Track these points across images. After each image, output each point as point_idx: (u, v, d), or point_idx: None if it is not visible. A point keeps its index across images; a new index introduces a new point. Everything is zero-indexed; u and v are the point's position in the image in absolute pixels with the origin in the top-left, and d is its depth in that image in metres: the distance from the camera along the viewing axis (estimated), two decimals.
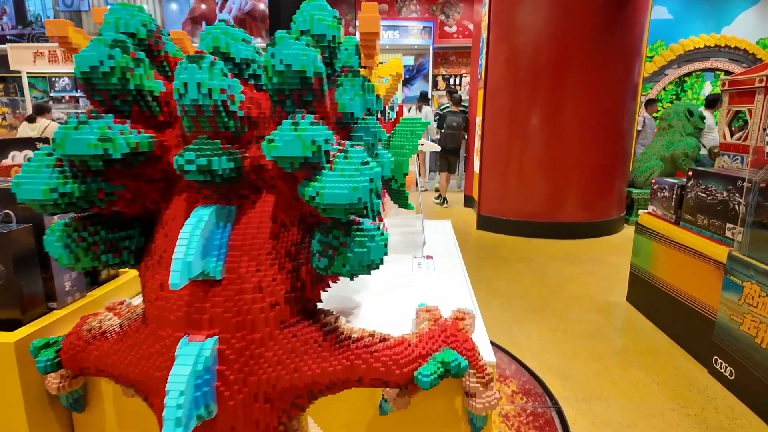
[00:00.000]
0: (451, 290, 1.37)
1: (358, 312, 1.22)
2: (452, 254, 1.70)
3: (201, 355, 0.66)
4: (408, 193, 0.98)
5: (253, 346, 0.69)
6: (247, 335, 0.69)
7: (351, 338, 0.77)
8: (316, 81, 0.63)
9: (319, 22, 0.69)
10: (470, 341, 0.92)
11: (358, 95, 0.73)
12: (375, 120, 0.83)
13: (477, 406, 0.86)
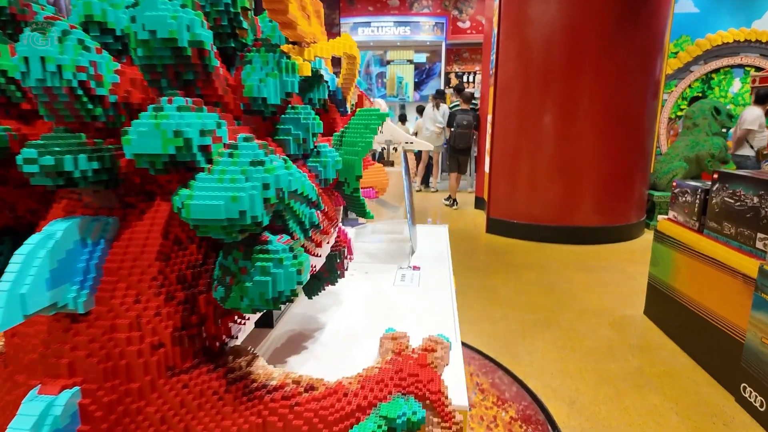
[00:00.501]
0: (433, 308, 1.19)
1: (319, 335, 1.05)
2: (443, 265, 1.53)
3: (48, 415, 0.51)
4: (363, 200, 0.82)
5: (129, 399, 0.53)
6: (119, 386, 0.53)
7: (266, 387, 0.60)
8: (195, 53, 0.47)
9: None
10: (437, 381, 0.75)
11: (271, 76, 0.56)
12: (309, 110, 0.67)
13: None
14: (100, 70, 0.50)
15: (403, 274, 1.44)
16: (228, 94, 0.53)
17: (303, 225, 0.63)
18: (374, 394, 0.65)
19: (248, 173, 0.45)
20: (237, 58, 0.57)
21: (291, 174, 0.56)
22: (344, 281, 1.37)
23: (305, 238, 0.65)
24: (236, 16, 0.54)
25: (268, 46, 0.57)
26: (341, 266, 0.97)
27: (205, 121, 0.45)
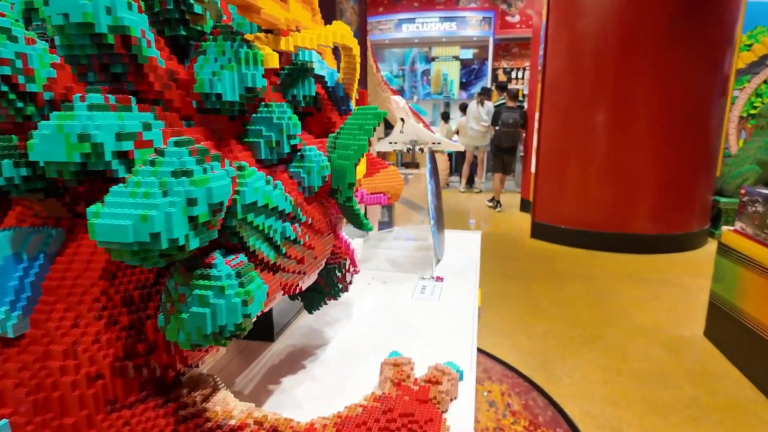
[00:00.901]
0: (451, 326, 1.08)
1: (321, 353, 0.97)
2: (469, 277, 1.41)
3: None
4: (359, 210, 0.72)
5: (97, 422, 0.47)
6: (51, 420, 0.47)
7: (221, 429, 0.52)
8: (118, 41, 0.40)
9: None
10: (436, 422, 0.65)
11: (227, 68, 0.48)
12: (284, 108, 0.58)
13: None
14: (30, 64, 0.44)
15: (424, 286, 1.33)
16: (171, 89, 0.45)
17: (272, 241, 0.54)
18: None
19: (168, 186, 0.36)
20: (191, 48, 0.49)
21: (244, 184, 0.47)
22: (359, 292, 1.29)
23: (278, 256, 0.56)
24: (184, 0, 0.47)
25: (227, 33, 0.49)
26: (342, 280, 0.88)
27: (124, 123, 0.38)
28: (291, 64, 0.64)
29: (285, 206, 0.55)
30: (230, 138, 0.55)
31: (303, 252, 0.62)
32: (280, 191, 0.54)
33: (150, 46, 0.41)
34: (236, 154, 0.53)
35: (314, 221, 0.65)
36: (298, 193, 0.63)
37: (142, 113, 0.41)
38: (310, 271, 0.69)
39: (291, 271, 0.61)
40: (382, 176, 1.01)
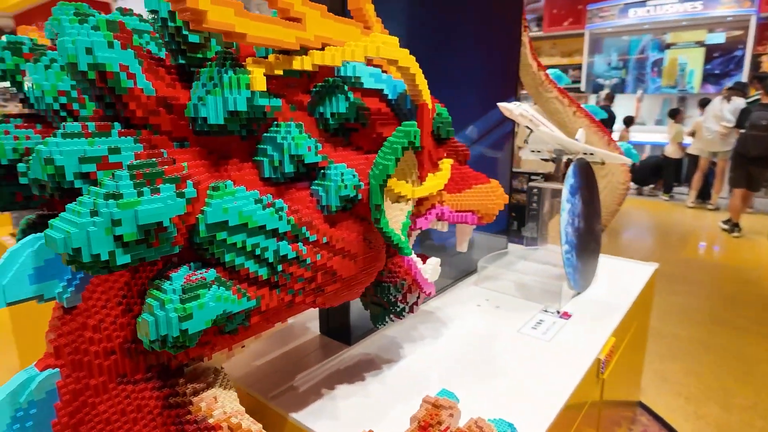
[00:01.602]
0: (547, 377, 0.91)
1: (388, 370, 0.95)
2: (607, 320, 1.16)
3: (27, 386, 0.60)
4: (391, 232, 0.66)
5: (88, 393, 0.58)
6: (83, 378, 0.58)
7: (196, 424, 0.56)
8: (97, 76, 0.45)
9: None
10: None
11: (212, 93, 0.51)
12: (291, 128, 0.58)
13: None
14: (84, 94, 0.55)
15: (541, 320, 1.16)
16: (159, 115, 0.50)
17: (261, 259, 0.55)
18: None
19: (98, 207, 0.41)
20: (195, 75, 0.53)
21: (210, 204, 0.49)
22: (464, 311, 1.21)
23: (274, 273, 0.57)
24: (178, 31, 0.51)
25: (221, 59, 0.51)
26: (403, 300, 0.84)
27: (86, 148, 0.44)
28: (323, 82, 0.64)
29: (278, 225, 0.56)
30: (240, 157, 0.58)
31: (314, 270, 0.62)
32: (269, 211, 0.55)
33: (131, 78, 0.47)
34: (236, 173, 0.56)
35: (335, 240, 0.64)
36: (316, 211, 0.63)
37: (119, 138, 0.46)
38: (335, 289, 0.68)
39: (299, 289, 0.61)
40: (474, 193, 0.92)
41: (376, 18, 0.71)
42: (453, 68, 1.23)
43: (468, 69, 1.29)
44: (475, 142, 1.36)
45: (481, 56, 1.35)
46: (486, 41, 1.36)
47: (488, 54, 1.38)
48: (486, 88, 1.39)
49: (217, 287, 0.50)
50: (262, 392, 0.86)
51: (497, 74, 1.44)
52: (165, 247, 0.47)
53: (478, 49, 1.32)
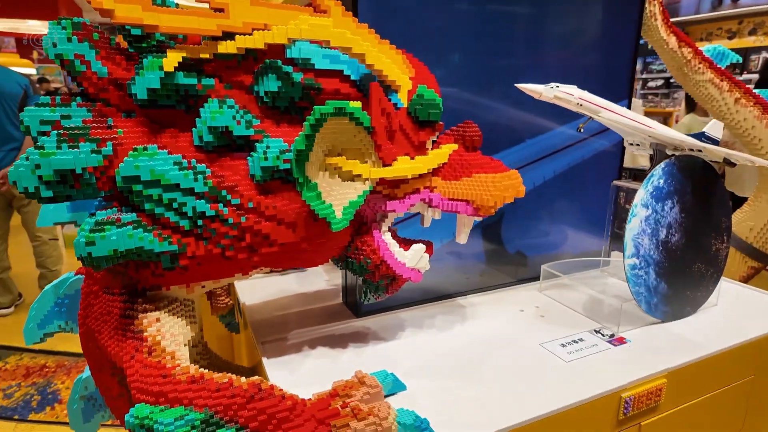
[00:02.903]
0: (521, 392, 0.81)
1: (373, 348, 0.96)
2: (670, 358, 0.93)
3: (63, 282, 0.85)
4: (319, 205, 0.67)
5: (91, 296, 0.79)
6: (91, 285, 0.80)
7: (133, 332, 0.72)
8: (60, 63, 0.62)
9: None
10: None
11: (139, 75, 0.63)
12: (213, 103, 0.67)
13: None
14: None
15: (580, 339, 1.01)
16: (108, 91, 0.65)
17: (181, 212, 0.67)
18: (217, 403, 0.62)
19: (29, 154, 0.58)
20: None
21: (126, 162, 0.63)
22: (497, 314, 1.12)
23: (196, 226, 0.68)
24: (124, 32, 0.64)
25: (152, 45, 0.64)
26: (372, 277, 0.86)
27: (44, 114, 0.62)
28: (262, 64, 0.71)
29: (194, 186, 0.66)
30: (181, 127, 0.70)
31: (240, 230, 0.71)
32: (185, 171, 0.66)
33: (85, 63, 0.63)
34: (168, 140, 0.68)
35: (263, 206, 0.71)
36: (246, 178, 0.71)
37: (75, 108, 0.63)
38: (272, 252, 0.75)
39: (228, 245, 0.71)
40: (473, 181, 0.87)
41: (336, 2, 0.73)
42: (551, 60, 1.17)
43: (570, 61, 1.20)
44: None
45: (585, 48, 1.21)
46: (591, 34, 1.20)
47: (593, 46, 1.22)
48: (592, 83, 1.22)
49: (132, 228, 0.64)
50: (262, 336, 1.00)
51: (602, 67, 1.25)
52: (88, 190, 0.62)
53: (582, 42, 1.19)
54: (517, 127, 1.18)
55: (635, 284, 1.02)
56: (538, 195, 1.25)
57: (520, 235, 1.28)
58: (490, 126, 1.13)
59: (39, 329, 0.85)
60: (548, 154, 1.26)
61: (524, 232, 1.29)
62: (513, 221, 1.26)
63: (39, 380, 2.37)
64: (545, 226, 1.31)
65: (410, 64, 0.84)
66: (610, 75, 1.27)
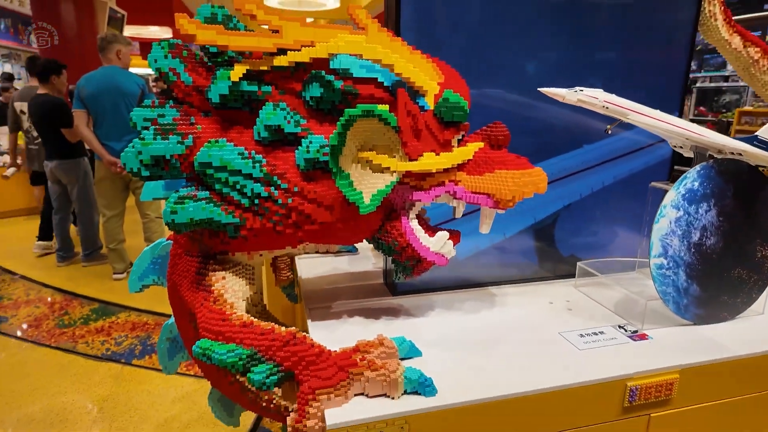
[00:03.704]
0: (527, 367, 0.89)
1: (401, 323, 1.09)
2: (687, 356, 0.95)
3: (157, 246, 1.07)
4: (350, 191, 0.80)
5: (177, 257, 1.00)
6: (177, 248, 1.01)
7: (205, 286, 0.91)
8: (159, 75, 0.82)
9: None
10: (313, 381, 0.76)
11: (213, 83, 0.81)
12: (269, 106, 0.84)
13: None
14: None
15: (600, 332, 1.06)
16: (192, 96, 0.84)
17: (241, 192, 0.85)
18: (260, 343, 0.80)
19: (134, 143, 0.79)
20: None
21: (202, 151, 0.81)
22: (524, 304, 1.20)
23: (253, 204, 0.86)
24: (204, 49, 0.83)
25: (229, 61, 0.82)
26: (399, 258, 0.98)
27: (146, 112, 0.82)
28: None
29: (251, 171, 0.84)
30: (246, 125, 0.88)
31: (287, 209, 0.87)
32: (246, 160, 0.83)
33: (176, 75, 0.83)
34: (235, 135, 0.86)
35: (306, 191, 0.87)
36: (294, 167, 0.87)
37: (168, 108, 0.83)
38: (314, 230, 0.90)
39: (278, 221, 0.88)
40: (494, 177, 0.96)
41: (372, 20, 0.87)
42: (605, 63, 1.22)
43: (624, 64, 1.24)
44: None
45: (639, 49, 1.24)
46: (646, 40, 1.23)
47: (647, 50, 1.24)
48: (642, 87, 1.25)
49: (205, 203, 0.83)
50: (310, 303, 1.17)
51: (656, 72, 1.26)
52: (174, 172, 0.82)
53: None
54: (575, 131, 1.23)
55: (661, 284, 1.04)
56: (595, 199, 1.30)
57: (571, 236, 1.33)
58: (549, 129, 1.20)
59: (139, 281, 1.09)
60: (609, 160, 1.30)
61: (575, 233, 1.33)
62: (567, 222, 1.31)
63: (141, 334, 2.81)
64: (597, 227, 1.34)
65: (440, 70, 0.95)
66: (663, 76, 1.27)
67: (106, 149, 3.32)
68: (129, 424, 2.05)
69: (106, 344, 2.70)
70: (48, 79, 3.65)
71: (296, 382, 0.80)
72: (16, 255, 4.22)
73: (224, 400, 1.18)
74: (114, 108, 3.24)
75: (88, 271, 3.82)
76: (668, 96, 1.29)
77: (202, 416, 2.08)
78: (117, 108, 3.25)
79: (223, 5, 0.85)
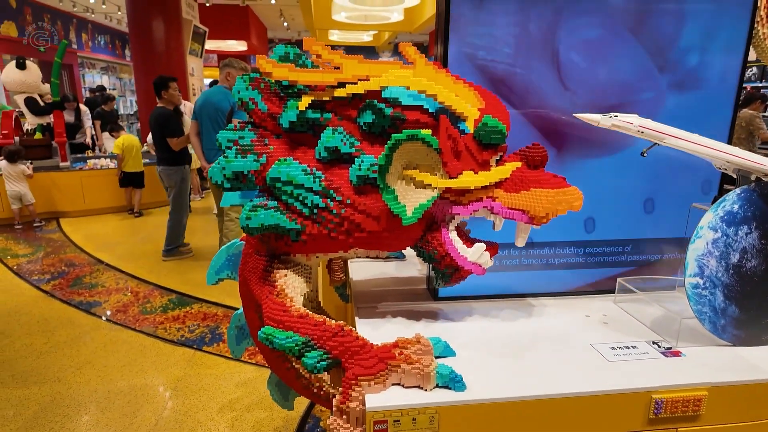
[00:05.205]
0: (553, 373, 0.96)
1: (436, 327, 1.19)
2: (717, 375, 0.98)
3: (232, 246, 1.25)
4: (394, 204, 0.92)
5: (248, 256, 1.17)
6: (248, 248, 1.18)
7: (269, 281, 1.07)
8: (240, 105, 0.99)
9: None
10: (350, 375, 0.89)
11: (285, 111, 0.97)
12: (328, 131, 0.98)
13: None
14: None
15: (633, 346, 1.10)
16: (266, 121, 1.00)
17: (303, 202, 0.99)
18: (318, 334, 0.94)
19: (219, 161, 0.96)
20: None
21: (273, 168, 0.97)
22: (561, 315, 1.26)
23: (312, 213, 1.00)
24: (278, 83, 0.98)
25: (292, 92, 0.98)
26: (438, 266, 1.09)
27: (229, 135, 0.99)
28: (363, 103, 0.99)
29: (311, 185, 0.98)
30: (310, 146, 1.03)
31: (341, 219, 1.01)
32: (308, 176, 0.98)
33: (255, 103, 0.99)
34: (301, 154, 1.01)
35: (357, 203, 1.00)
36: (347, 182, 1.00)
37: (247, 131, 1.00)
38: (363, 237, 1.03)
39: (332, 228, 1.02)
40: (530, 195, 1.05)
41: (420, 55, 0.99)
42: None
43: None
44: None
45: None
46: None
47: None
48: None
49: (273, 211, 0.99)
50: (359, 302, 1.31)
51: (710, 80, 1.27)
52: (250, 185, 0.98)
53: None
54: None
55: (697, 303, 1.07)
56: (643, 215, 1.34)
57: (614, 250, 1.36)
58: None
59: (216, 275, 1.27)
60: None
61: (623, 248, 1.36)
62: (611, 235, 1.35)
63: (211, 324, 3.10)
64: (643, 244, 1.36)
65: (482, 97, 1.05)
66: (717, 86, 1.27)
67: (205, 155, 3.78)
68: (198, 403, 2.29)
69: (181, 331, 3.01)
70: (160, 94, 4.16)
71: (342, 369, 0.93)
72: (109, 248, 4.75)
73: (281, 385, 1.34)
74: (210, 121, 3.64)
75: (167, 266, 4.23)
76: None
77: (262, 401, 2.28)
78: (213, 121, 3.64)
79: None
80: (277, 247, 1.10)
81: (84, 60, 13.35)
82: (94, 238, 5.10)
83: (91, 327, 3.09)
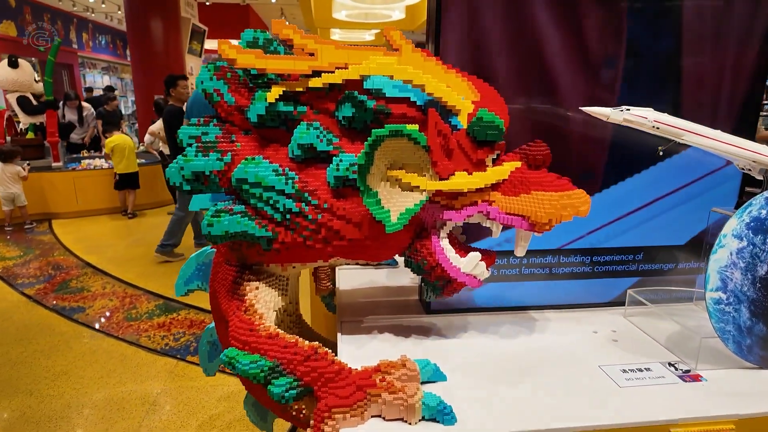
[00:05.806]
0: (554, 405, 0.84)
1: (425, 346, 1.07)
2: (745, 404, 0.86)
3: (202, 253, 1.13)
4: (377, 209, 0.80)
5: (217, 265, 1.06)
6: (218, 257, 1.06)
7: (238, 294, 0.95)
8: (205, 96, 0.87)
9: None
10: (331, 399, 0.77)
11: (252, 103, 0.85)
12: (302, 126, 0.86)
13: None
14: None
15: (646, 368, 0.98)
16: (233, 115, 0.88)
17: (274, 207, 0.88)
18: (286, 357, 0.82)
19: (177, 160, 0.84)
20: None
21: (239, 168, 0.85)
22: (567, 331, 1.14)
23: (284, 219, 0.89)
24: (246, 72, 0.87)
25: (267, 83, 0.86)
26: (428, 276, 0.97)
27: (191, 130, 0.87)
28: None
29: (284, 187, 0.87)
30: (283, 143, 0.91)
31: (317, 225, 0.89)
32: (280, 177, 0.86)
33: (220, 95, 0.88)
34: (272, 152, 0.90)
35: (335, 208, 0.88)
36: (325, 184, 0.89)
37: (212, 126, 0.88)
38: (342, 245, 0.91)
39: (308, 236, 0.90)
40: (530, 198, 0.93)
41: (406, 41, 0.87)
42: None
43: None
44: None
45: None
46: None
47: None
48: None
49: (240, 217, 0.87)
50: (344, 316, 1.19)
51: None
52: (213, 187, 0.87)
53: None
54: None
55: (719, 320, 0.95)
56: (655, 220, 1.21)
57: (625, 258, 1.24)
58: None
59: (184, 285, 1.16)
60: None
61: (633, 256, 1.24)
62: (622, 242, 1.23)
63: (197, 331, 2.98)
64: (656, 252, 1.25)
65: (477, 89, 0.93)
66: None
67: None
68: (177, 419, 2.17)
69: (165, 339, 2.89)
70: (169, 92, 4.25)
71: (315, 398, 0.81)
72: (99, 251, 4.63)
73: (258, 406, 1.22)
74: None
75: (157, 270, 4.12)
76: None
77: (244, 417, 2.16)
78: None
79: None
80: (248, 255, 0.98)
81: (85, 60, 13.28)
82: (85, 240, 4.99)
83: (71, 335, 2.98)
